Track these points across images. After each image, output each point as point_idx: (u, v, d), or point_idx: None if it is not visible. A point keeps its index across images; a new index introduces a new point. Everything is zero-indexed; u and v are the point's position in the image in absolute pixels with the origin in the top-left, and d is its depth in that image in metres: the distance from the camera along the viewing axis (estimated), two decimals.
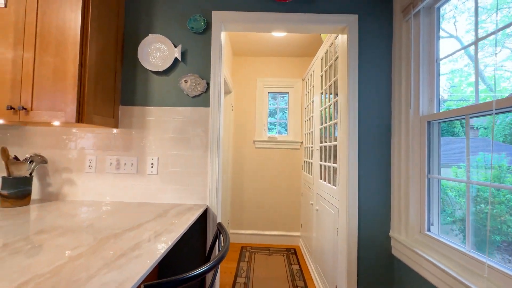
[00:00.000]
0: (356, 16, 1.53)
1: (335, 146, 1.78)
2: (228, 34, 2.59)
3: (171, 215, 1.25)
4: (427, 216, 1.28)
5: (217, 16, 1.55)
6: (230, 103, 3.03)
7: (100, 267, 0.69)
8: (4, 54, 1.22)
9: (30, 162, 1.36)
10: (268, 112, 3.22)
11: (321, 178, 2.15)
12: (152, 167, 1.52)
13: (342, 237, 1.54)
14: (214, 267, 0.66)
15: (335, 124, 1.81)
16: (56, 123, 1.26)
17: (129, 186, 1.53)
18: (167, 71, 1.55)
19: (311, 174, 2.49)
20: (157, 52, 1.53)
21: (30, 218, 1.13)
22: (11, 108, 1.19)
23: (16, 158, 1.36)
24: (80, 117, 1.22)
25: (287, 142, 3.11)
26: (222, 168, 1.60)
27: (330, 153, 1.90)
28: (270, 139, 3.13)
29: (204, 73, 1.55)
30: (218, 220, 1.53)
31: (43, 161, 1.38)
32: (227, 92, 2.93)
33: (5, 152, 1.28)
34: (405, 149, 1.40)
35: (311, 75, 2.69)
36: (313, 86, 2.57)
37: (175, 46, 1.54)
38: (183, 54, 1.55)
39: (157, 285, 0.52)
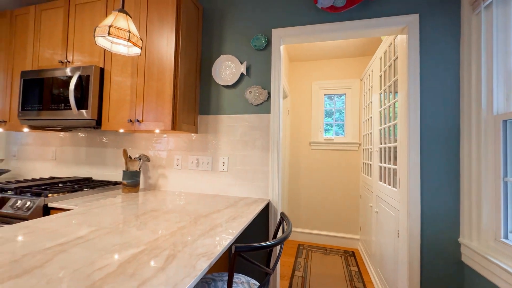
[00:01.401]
0: (416, 15, 1.51)
1: (395, 147, 1.76)
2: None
3: (240, 205, 1.50)
4: (503, 222, 1.18)
5: (276, 33, 1.76)
6: (287, 107, 3.21)
7: (199, 234, 0.97)
8: (125, 82, 1.70)
9: (139, 160, 1.83)
10: (324, 113, 3.27)
11: (380, 180, 2.11)
12: (223, 165, 1.82)
13: (403, 240, 1.53)
14: (283, 241, 0.85)
15: (395, 125, 1.79)
16: (157, 130, 1.67)
17: (205, 181, 1.87)
18: (234, 85, 1.83)
19: (370, 176, 2.45)
20: (227, 69, 1.83)
21: (143, 201, 1.55)
22: (130, 120, 1.65)
23: (130, 157, 1.84)
24: (174, 126, 1.59)
25: (344, 143, 3.10)
26: (281, 168, 1.77)
27: (390, 155, 1.87)
28: (327, 140, 3.17)
29: (266, 84, 1.77)
30: (279, 213, 1.73)
31: (147, 159, 1.83)
32: (284, 97, 3.12)
33: (125, 152, 1.77)
34: (476, 150, 1.31)
35: (369, 75, 2.65)
36: (371, 87, 2.53)
37: (241, 63, 1.81)
38: (247, 69, 1.81)
39: (245, 246, 0.73)
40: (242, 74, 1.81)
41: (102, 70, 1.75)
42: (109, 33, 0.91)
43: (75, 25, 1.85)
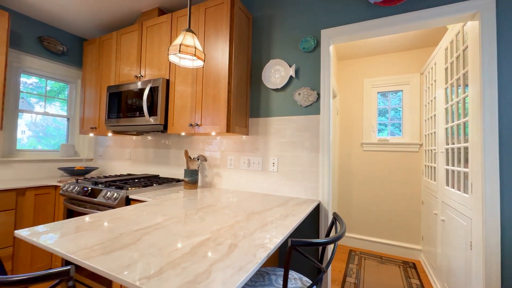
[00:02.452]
0: None
1: (466, 148, 1.57)
2: None
3: (291, 204, 1.54)
4: None
5: (325, 33, 1.75)
6: (336, 107, 3.12)
7: (255, 228, 1.04)
8: (186, 90, 1.92)
9: (197, 160, 2.03)
10: (377, 112, 3.06)
11: (447, 185, 1.89)
12: (273, 165, 1.89)
13: (477, 252, 1.35)
14: (337, 240, 0.86)
15: (465, 122, 1.59)
16: (213, 133, 1.83)
17: (256, 180, 1.96)
18: (283, 88, 1.89)
19: (435, 180, 2.20)
20: (276, 73, 1.90)
21: (201, 196, 1.72)
22: (191, 124, 1.86)
23: (190, 157, 2.06)
24: (228, 128, 1.73)
25: (401, 144, 2.85)
26: (332, 169, 1.74)
27: (460, 156, 1.67)
28: (381, 141, 2.96)
29: (315, 85, 1.78)
30: (329, 215, 1.71)
31: (204, 159, 2.02)
32: (333, 97, 3.04)
33: (187, 153, 1.99)
34: None
35: (432, 69, 2.39)
36: (434, 81, 2.28)
37: (290, 66, 1.86)
38: (296, 71, 1.85)
39: (301, 241, 0.77)
40: (291, 77, 1.86)
41: (167, 82, 2.01)
42: (179, 51, 1.06)
43: (147, 45, 2.17)
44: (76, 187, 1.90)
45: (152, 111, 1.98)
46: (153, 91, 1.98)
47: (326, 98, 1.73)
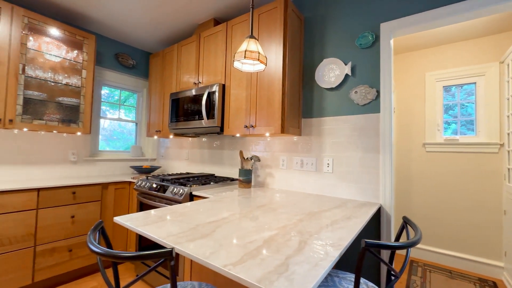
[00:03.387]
0: None
1: None
2: None
3: (349, 206, 1.49)
4: None
5: (385, 27, 1.66)
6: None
7: (319, 228, 1.05)
8: (241, 93, 2.02)
9: (251, 160, 2.11)
10: (443, 108, 2.74)
11: None
12: (327, 166, 1.86)
13: None
14: (412, 245, 0.81)
15: None
16: (267, 134, 1.89)
17: (310, 181, 1.95)
18: (338, 87, 1.84)
19: None
20: (330, 72, 1.87)
21: (257, 195, 1.78)
22: (246, 126, 1.94)
23: (244, 157, 2.15)
24: (282, 129, 1.76)
25: (475, 144, 2.50)
26: (394, 170, 1.63)
27: None
28: (448, 141, 2.65)
29: (373, 82, 1.70)
30: (392, 219, 1.60)
31: (258, 159, 2.09)
32: None
33: (241, 153, 2.09)
34: None
35: None
36: None
37: (345, 64, 1.81)
38: (352, 69, 1.79)
39: (374, 243, 0.75)
40: (346, 75, 1.80)
41: (223, 86, 2.14)
42: (245, 57, 1.14)
43: (204, 53, 2.35)
44: (147, 183, 2.16)
45: (210, 114, 2.13)
46: (210, 95, 2.14)
47: (387, 96, 1.63)
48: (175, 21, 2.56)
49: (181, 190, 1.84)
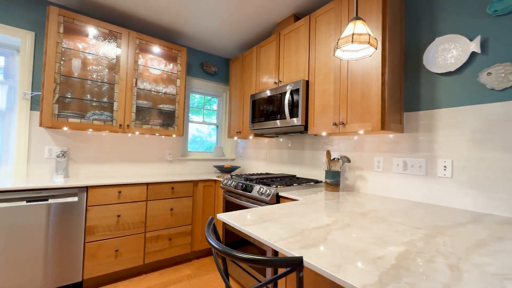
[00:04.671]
0: None
1: None
2: None
3: (489, 223, 1.14)
4: None
5: None
6: None
7: (465, 248, 0.80)
8: (328, 89, 1.86)
9: (339, 161, 1.92)
10: None
11: None
12: (444, 169, 1.50)
13: None
14: None
15: None
16: (361, 131, 1.67)
17: (415, 187, 1.62)
18: (459, 70, 1.47)
19: None
20: (445, 53, 1.51)
21: (351, 200, 1.59)
22: (335, 123, 1.78)
23: (332, 158, 1.98)
24: (383, 125, 1.52)
25: None
26: None
27: None
28: None
29: None
30: None
31: (348, 160, 1.89)
32: None
33: (329, 153, 1.93)
34: None
35: None
36: None
37: (470, 40, 1.42)
38: (482, 44, 1.39)
39: None
40: (472, 54, 1.42)
41: (307, 83, 2.03)
42: (352, 41, 1.00)
43: (284, 52, 2.30)
44: (233, 182, 2.25)
45: (293, 113, 2.05)
46: (293, 93, 2.06)
47: None
48: (253, 23, 2.61)
49: (268, 191, 1.81)
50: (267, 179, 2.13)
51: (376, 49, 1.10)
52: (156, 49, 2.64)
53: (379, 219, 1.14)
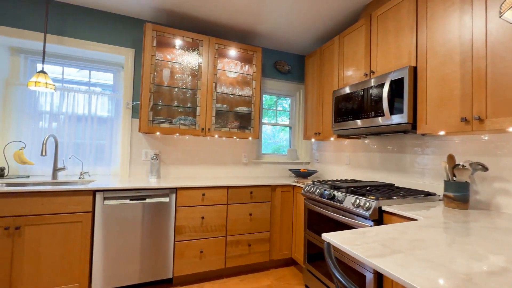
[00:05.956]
0: None
1: None
2: None
3: None
4: None
5: None
6: None
7: None
8: (452, 73, 1.42)
9: (470, 169, 1.45)
10: None
11: None
12: None
13: None
14: None
15: None
16: (511, 129, 1.19)
17: None
18: None
19: None
20: None
21: (502, 224, 1.13)
22: (464, 119, 1.33)
23: (458, 165, 1.52)
24: None
25: None
26: None
27: None
28: None
29: None
30: None
31: (484, 168, 1.39)
32: None
33: (452, 159, 1.48)
34: None
35: None
36: None
37: None
38: None
39: None
40: None
41: (414, 70, 1.63)
42: None
43: (378, 36, 1.93)
44: (317, 189, 2.01)
45: (393, 109, 1.67)
46: (393, 85, 1.68)
47: None
48: (335, 10, 2.31)
49: (368, 203, 1.50)
50: (359, 188, 1.81)
51: None
52: (232, 52, 2.65)
53: None
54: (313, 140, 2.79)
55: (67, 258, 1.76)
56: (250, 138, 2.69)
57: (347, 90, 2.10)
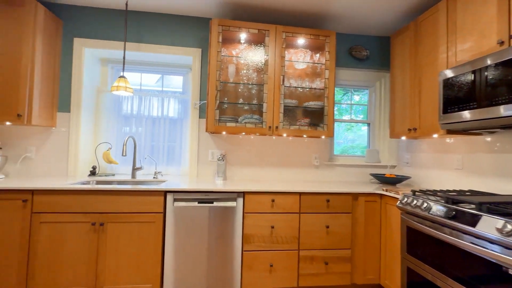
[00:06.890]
0: None
1: None
2: None
3: None
4: None
5: None
6: None
7: None
8: None
9: None
10: None
11: None
12: None
13: None
14: None
15: None
16: None
17: None
18: None
19: None
20: None
21: None
22: None
23: None
24: None
25: None
26: None
27: None
28: None
29: None
30: None
31: None
32: None
33: None
34: None
35: None
36: None
37: None
38: None
39: None
40: None
41: None
42: None
43: None
44: (424, 203, 1.51)
45: None
46: None
47: None
48: None
49: None
50: (497, 205, 1.24)
51: None
52: (301, 40, 2.34)
53: None
54: (403, 138, 2.23)
55: (142, 258, 1.77)
56: (323, 136, 2.32)
57: (468, 68, 1.52)
